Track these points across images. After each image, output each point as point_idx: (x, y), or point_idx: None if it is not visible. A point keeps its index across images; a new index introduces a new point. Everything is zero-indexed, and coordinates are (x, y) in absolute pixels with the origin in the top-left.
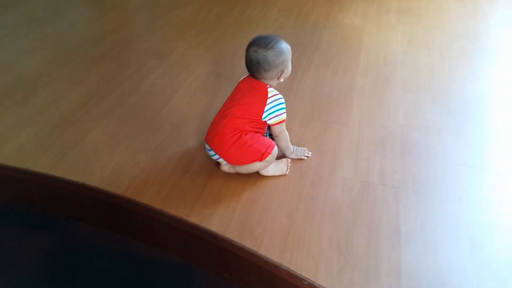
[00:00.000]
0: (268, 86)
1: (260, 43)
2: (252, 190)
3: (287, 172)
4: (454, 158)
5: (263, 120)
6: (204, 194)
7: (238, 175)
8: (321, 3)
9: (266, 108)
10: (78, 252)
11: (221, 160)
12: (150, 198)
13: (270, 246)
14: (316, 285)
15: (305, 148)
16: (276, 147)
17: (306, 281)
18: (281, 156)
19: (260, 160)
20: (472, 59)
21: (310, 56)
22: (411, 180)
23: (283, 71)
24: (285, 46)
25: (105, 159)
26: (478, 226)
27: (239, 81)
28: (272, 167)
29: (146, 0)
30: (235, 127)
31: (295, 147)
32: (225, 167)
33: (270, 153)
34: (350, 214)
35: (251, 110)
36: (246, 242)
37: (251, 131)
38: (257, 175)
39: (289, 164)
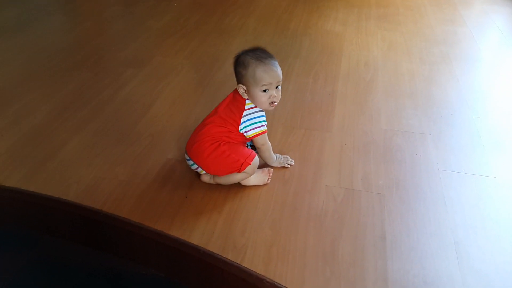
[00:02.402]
0: (246, 99)
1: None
2: (234, 200)
3: (269, 181)
4: (437, 163)
5: (240, 132)
6: (185, 206)
7: (219, 185)
8: (300, 10)
9: (242, 120)
10: (54, 270)
11: (199, 170)
12: (129, 212)
13: (254, 258)
14: None
15: (288, 156)
16: (256, 157)
17: None
18: (263, 165)
19: (239, 171)
20: (452, 64)
21: (291, 63)
22: (395, 186)
23: (243, 87)
24: (249, 59)
25: (81, 172)
26: (463, 230)
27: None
28: (253, 177)
29: (123, 9)
30: (214, 136)
31: (277, 155)
32: (205, 177)
33: (250, 164)
34: (335, 222)
35: (229, 120)
36: (229, 255)
37: (230, 142)
38: (239, 185)
39: (271, 174)
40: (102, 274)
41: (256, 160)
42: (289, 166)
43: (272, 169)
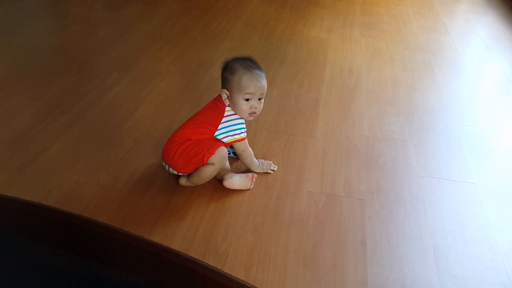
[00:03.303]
0: (227, 105)
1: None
2: (217, 205)
3: (251, 186)
4: (418, 169)
5: (216, 137)
6: (167, 211)
7: (202, 190)
8: (287, 17)
9: (220, 126)
10: (35, 275)
11: (171, 170)
12: (110, 217)
13: (235, 263)
14: None
15: (271, 162)
16: (222, 148)
17: None
18: (247, 170)
19: (204, 163)
20: (434, 71)
21: (276, 69)
22: (376, 191)
23: (226, 93)
24: (237, 66)
25: (63, 177)
26: (442, 236)
27: None
28: (237, 181)
29: (110, 13)
30: (182, 136)
31: (261, 160)
32: (182, 180)
33: (213, 154)
34: (317, 227)
35: (206, 125)
36: (211, 260)
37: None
38: (222, 190)
39: (255, 179)
40: (83, 280)
41: (222, 151)
42: (272, 171)
43: (256, 175)
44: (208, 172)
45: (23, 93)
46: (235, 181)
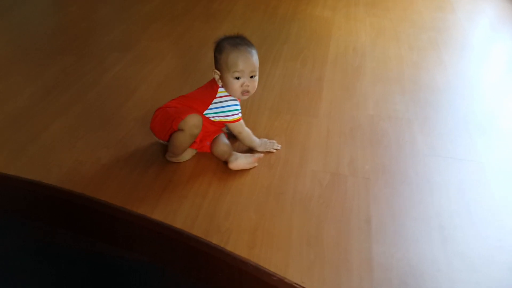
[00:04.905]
0: (220, 86)
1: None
2: (219, 184)
3: (256, 164)
4: (423, 148)
5: (205, 115)
6: (168, 190)
7: (205, 168)
8: None
9: (211, 106)
10: (36, 254)
11: (157, 139)
12: (111, 196)
13: (238, 242)
14: (286, 280)
15: (274, 141)
16: (193, 115)
17: (275, 276)
18: (249, 150)
19: (174, 128)
20: (440, 50)
21: (279, 48)
22: (381, 171)
23: (218, 73)
24: (225, 45)
25: (63, 156)
26: (448, 215)
27: None
28: (242, 161)
29: None
30: (167, 105)
31: (264, 139)
32: (166, 154)
33: (182, 119)
34: (320, 207)
35: (192, 101)
36: (213, 238)
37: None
38: (224, 169)
39: (260, 158)
40: (85, 258)
41: (193, 118)
42: (275, 151)
43: (261, 154)
44: (179, 139)
45: (21, 72)
46: (240, 162)
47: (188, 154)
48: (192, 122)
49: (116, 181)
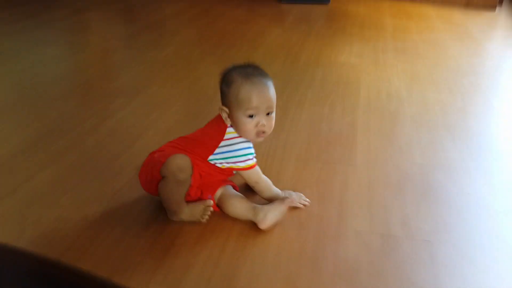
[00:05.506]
0: (229, 125)
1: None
2: (236, 247)
3: (298, 204)
4: (493, 204)
5: (210, 161)
6: (170, 255)
7: (217, 228)
8: (311, 45)
9: (217, 151)
10: None
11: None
12: (96, 262)
13: None
14: None
15: (302, 194)
16: (176, 156)
17: None
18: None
19: (157, 176)
20: (486, 94)
21: (303, 92)
22: (444, 231)
23: (226, 111)
24: (234, 76)
25: (42, 212)
26: None
27: None
28: (271, 214)
29: (122, 41)
30: (159, 149)
31: (288, 192)
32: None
33: (163, 162)
34: (372, 278)
35: (194, 144)
36: None
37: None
38: (242, 227)
39: (292, 204)
40: None
41: (176, 159)
42: (303, 206)
43: (292, 197)
44: (164, 189)
45: (12, 120)
46: (271, 217)
47: (194, 211)
48: (174, 165)
49: (105, 244)
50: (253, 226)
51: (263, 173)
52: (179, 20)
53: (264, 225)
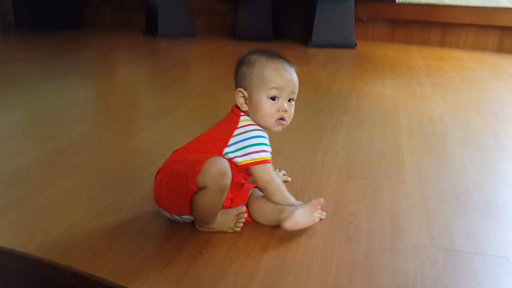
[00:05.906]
0: (242, 113)
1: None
2: (274, 259)
3: (322, 216)
4: None
5: (225, 156)
6: (197, 264)
7: (253, 236)
8: (342, 79)
9: (231, 141)
10: None
11: (168, 214)
12: (112, 271)
13: None
14: None
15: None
16: (212, 159)
17: None
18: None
19: (193, 189)
20: None
21: (338, 118)
22: None
23: (244, 93)
24: (257, 56)
25: (55, 219)
26: None
27: None
28: (299, 214)
29: (149, 75)
30: (172, 159)
31: (300, 202)
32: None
33: (198, 171)
34: None
35: (207, 141)
36: None
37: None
38: (282, 236)
39: (320, 206)
40: None
41: (214, 162)
42: (319, 220)
43: (321, 199)
44: (205, 201)
45: (35, 135)
46: (298, 218)
47: (227, 220)
48: (215, 170)
49: (123, 251)
50: (293, 236)
51: (300, 189)
52: (206, 60)
53: (288, 224)
